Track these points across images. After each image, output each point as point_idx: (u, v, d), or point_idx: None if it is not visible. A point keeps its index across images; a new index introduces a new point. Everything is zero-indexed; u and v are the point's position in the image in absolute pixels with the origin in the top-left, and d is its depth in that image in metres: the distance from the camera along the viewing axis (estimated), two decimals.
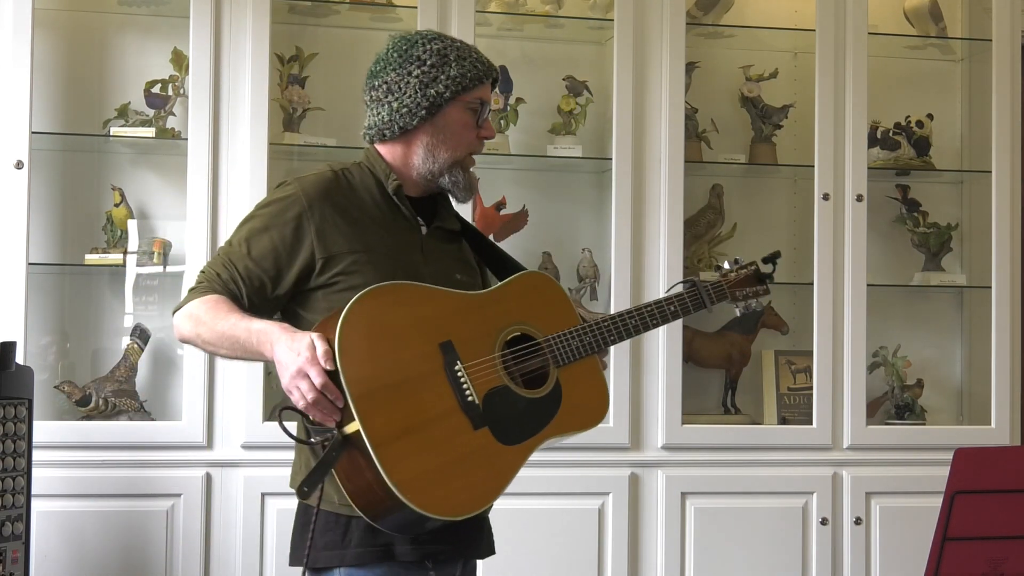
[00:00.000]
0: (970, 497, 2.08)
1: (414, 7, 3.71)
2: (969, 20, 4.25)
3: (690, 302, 2.50)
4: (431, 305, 2.23)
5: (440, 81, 2.33)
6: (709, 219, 4.07)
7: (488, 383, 2.22)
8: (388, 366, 2.14)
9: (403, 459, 2.08)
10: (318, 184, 2.32)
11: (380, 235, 2.32)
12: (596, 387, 2.40)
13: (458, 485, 2.15)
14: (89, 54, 3.83)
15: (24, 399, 3.12)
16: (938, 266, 4.19)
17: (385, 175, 2.38)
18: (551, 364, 2.31)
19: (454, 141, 2.37)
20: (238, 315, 2.22)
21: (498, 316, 2.29)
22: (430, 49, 2.35)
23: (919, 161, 4.17)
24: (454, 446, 2.16)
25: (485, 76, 2.37)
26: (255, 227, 2.31)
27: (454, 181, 2.39)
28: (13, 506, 3.06)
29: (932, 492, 2.33)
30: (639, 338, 3.76)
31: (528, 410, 2.26)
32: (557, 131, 3.96)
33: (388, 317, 2.17)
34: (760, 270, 2.61)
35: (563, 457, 3.69)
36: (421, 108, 2.33)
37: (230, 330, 2.21)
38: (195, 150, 3.57)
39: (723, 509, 3.78)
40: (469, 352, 2.22)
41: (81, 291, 3.81)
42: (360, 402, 2.07)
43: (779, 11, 4.18)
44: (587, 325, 2.37)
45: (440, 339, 2.20)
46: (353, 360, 2.09)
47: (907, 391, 4.13)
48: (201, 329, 2.25)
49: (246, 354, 2.22)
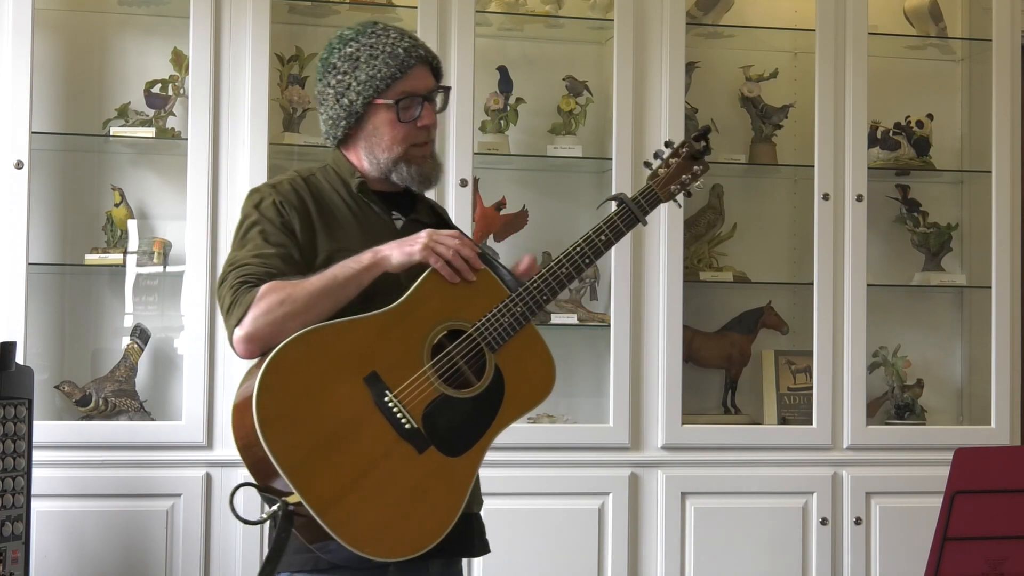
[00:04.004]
0: (970, 497, 2.08)
1: (414, 7, 3.71)
2: (969, 20, 4.25)
3: (622, 223, 2.33)
4: (347, 339, 2.13)
5: (352, 89, 2.30)
6: (709, 219, 4.07)
7: (424, 400, 2.14)
8: (315, 424, 2.05)
9: (354, 515, 2.03)
10: (289, 188, 2.30)
11: (354, 233, 2.29)
12: (538, 357, 2.29)
13: (419, 517, 2.10)
14: (89, 54, 3.84)
15: (24, 399, 3.12)
16: (938, 266, 4.19)
17: (350, 173, 2.35)
18: (486, 351, 2.21)
19: (386, 141, 2.32)
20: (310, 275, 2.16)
21: (421, 322, 2.19)
22: (343, 54, 2.32)
23: (919, 161, 4.17)
24: (403, 480, 2.09)
25: (400, 69, 2.30)
26: (248, 227, 2.27)
27: (403, 176, 2.34)
28: (13, 506, 3.06)
29: (932, 492, 2.33)
30: (639, 339, 3.77)
31: (474, 410, 2.19)
32: (557, 131, 3.96)
33: (305, 371, 2.07)
34: (694, 148, 2.43)
35: (563, 457, 3.69)
36: (342, 119, 2.33)
37: (320, 280, 2.14)
38: (195, 150, 3.57)
39: (723, 509, 3.78)
40: (397, 375, 2.13)
41: (81, 291, 3.81)
42: (294, 474, 2.00)
43: (779, 11, 4.18)
44: (515, 295, 2.25)
45: (364, 372, 2.11)
46: (277, 431, 2.01)
47: (907, 391, 4.13)
48: (286, 307, 2.12)
49: (351, 284, 2.15)
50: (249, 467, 2.10)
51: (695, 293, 3.98)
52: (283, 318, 2.12)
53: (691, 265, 3.98)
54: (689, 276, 3.90)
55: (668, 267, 3.78)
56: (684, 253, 3.83)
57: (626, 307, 3.76)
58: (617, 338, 3.75)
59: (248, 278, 2.17)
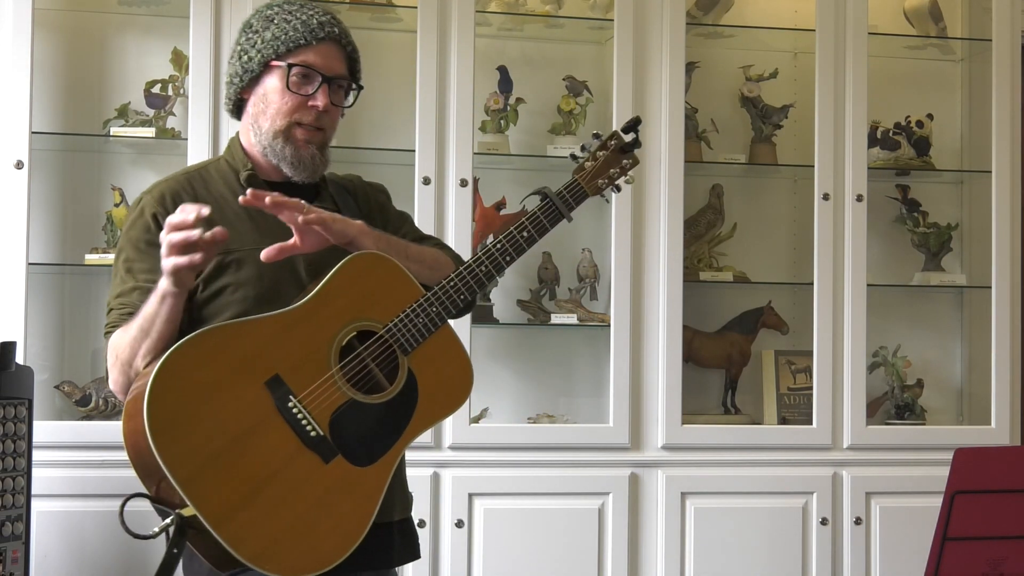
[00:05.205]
0: (970, 497, 2.08)
1: (414, 7, 3.71)
2: (969, 20, 4.25)
3: (545, 219, 2.22)
4: (247, 340, 1.97)
5: (255, 47, 2.19)
6: (709, 219, 4.07)
7: (331, 405, 1.99)
8: (210, 432, 1.90)
9: (251, 529, 1.89)
10: (163, 191, 2.18)
11: (246, 231, 2.15)
12: (454, 361, 2.15)
13: (324, 530, 1.96)
14: (89, 54, 3.83)
15: (24, 399, 3.12)
16: (938, 266, 4.19)
17: (242, 164, 2.22)
18: (399, 354, 2.07)
19: (272, 109, 2.18)
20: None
21: (328, 321, 2.03)
22: (261, 15, 2.22)
23: (919, 161, 4.17)
24: (307, 491, 1.95)
25: (306, 38, 2.17)
26: (117, 255, 2.19)
27: (276, 154, 2.18)
28: (13, 506, 3.06)
29: (932, 492, 2.33)
30: (639, 339, 3.77)
31: (384, 417, 2.04)
32: (557, 131, 3.96)
33: (200, 374, 1.92)
34: (622, 140, 2.30)
35: (563, 457, 3.69)
36: (237, 76, 2.21)
37: (136, 322, 2.04)
38: (195, 150, 3.56)
39: (723, 509, 3.78)
40: (301, 379, 1.98)
41: (81, 291, 3.81)
42: (188, 485, 1.86)
43: (779, 11, 4.18)
44: (429, 295, 2.11)
45: (265, 376, 1.96)
46: (169, 439, 1.86)
47: (907, 391, 4.12)
48: (121, 357, 2.06)
49: (158, 319, 2.01)
50: (140, 475, 1.96)
51: (695, 293, 3.98)
52: (123, 367, 2.06)
53: (691, 265, 3.98)
54: (689, 276, 3.90)
55: (668, 267, 3.78)
56: (684, 253, 3.83)
57: (626, 307, 3.76)
58: (617, 338, 3.75)
59: (109, 329, 2.12)
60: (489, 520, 3.64)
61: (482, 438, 3.65)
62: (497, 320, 3.88)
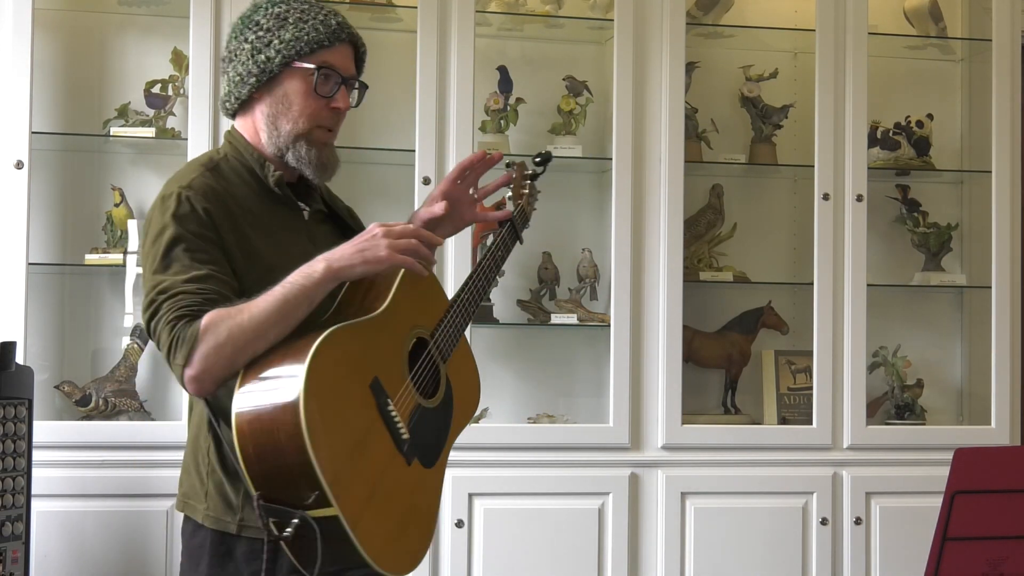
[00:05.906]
0: (970, 497, 2.08)
1: (414, 7, 3.71)
2: (969, 20, 4.25)
3: (510, 240, 2.41)
4: (357, 343, 1.99)
5: (272, 46, 2.15)
6: (709, 219, 4.07)
7: (409, 411, 2.05)
8: (342, 432, 1.92)
9: (375, 529, 1.92)
10: (201, 186, 2.10)
11: (268, 235, 2.13)
12: (470, 367, 2.26)
13: (412, 530, 2.03)
14: (89, 54, 3.84)
15: (24, 399, 3.12)
16: (938, 266, 4.19)
17: (260, 163, 2.19)
18: (439, 362, 2.15)
19: (294, 111, 2.16)
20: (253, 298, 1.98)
21: (399, 328, 2.08)
22: (270, 13, 2.18)
23: (919, 161, 4.17)
24: (402, 493, 2.01)
25: (329, 39, 2.16)
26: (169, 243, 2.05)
27: (299, 157, 2.17)
28: (13, 506, 3.06)
29: (932, 492, 2.33)
30: (639, 339, 3.78)
31: (438, 421, 2.13)
32: (557, 131, 3.96)
33: (336, 374, 1.93)
34: (532, 170, 2.54)
35: (563, 457, 3.69)
36: (251, 75, 2.15)
37: (268, 305, 1.96)
38: (195, 150, 3.56)
39: (723, 509, 3.78)
40: (392, 383, 2.02)
41: (81, 291, 3.81)
42: (335, 484, 1.86)
43: (779, 11, 4.18)
44: (456, 305, 2.19)
45: (368, 379, 1.98)
46: (321, 440, 1.86)
47: (907, 391, 4.13)
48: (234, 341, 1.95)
49: (303, 304, 1.97)
50: (258, 475, 1.90)
51: (695, 293, 3.98)
52: (232, 353, 1.95)
53: (691, 265, 3.98)
54: (689, 276, 3.90)
55: (668, 267, 3.78)
56: (684, 253, 3.83)
57: (626, 307, 3.76)
58: (617, 338, 3.75)
59: (185, 311, 1.98)
60: (489, 520, 3.64)
61: (482, 438, 3.65)
62: (497, 320, 3.88)
